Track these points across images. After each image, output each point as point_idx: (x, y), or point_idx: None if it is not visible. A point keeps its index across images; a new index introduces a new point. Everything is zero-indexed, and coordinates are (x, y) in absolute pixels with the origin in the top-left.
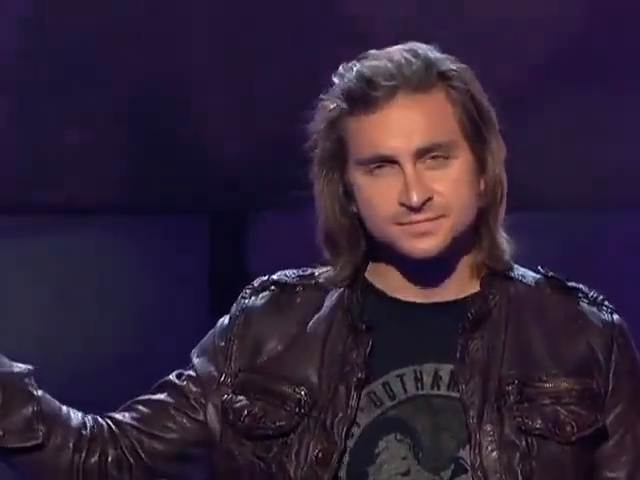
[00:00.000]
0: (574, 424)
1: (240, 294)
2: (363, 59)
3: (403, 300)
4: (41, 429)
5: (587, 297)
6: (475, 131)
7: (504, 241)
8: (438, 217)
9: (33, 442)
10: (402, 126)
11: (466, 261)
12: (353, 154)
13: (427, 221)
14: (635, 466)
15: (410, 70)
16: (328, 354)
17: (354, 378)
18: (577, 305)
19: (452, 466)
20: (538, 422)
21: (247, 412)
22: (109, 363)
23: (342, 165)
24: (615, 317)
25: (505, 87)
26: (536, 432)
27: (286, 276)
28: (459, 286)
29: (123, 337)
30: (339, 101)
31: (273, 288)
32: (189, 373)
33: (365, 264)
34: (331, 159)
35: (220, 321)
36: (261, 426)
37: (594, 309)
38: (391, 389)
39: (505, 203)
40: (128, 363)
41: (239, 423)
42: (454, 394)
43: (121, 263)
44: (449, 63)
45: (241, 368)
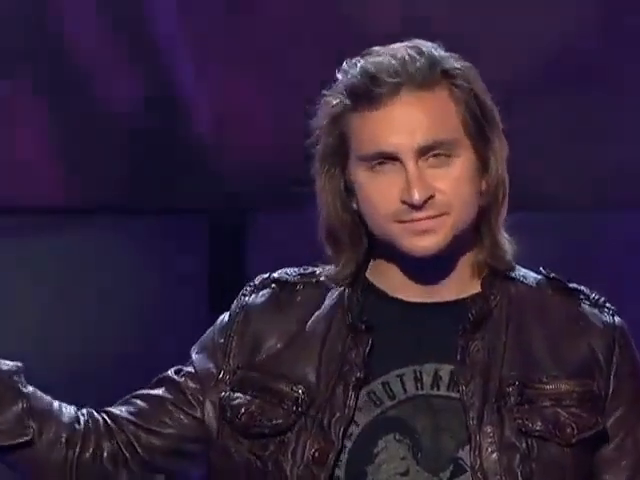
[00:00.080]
0: (574, 426)
1: (241, 291)
2: (367, 55)
3: (403, 300)
4: (32, 426)
5: (588, 299)
6: (478, 130)
7: (506, 241)
8: (439, 215)
9: (24, 438)
10: (405, 123)
11: (467, 260)
12: (355, 150)
13: (428, 219)
14: (635, 471)
15: (414, 67)
16: (327, 353)
17: (352, 378)
18: (578, 307)
19: (451, 467)
20: (538, 424)
21: (244, 410)
22: (109, 363)
23: (344, 161)
24: (616, 319)
25: (505, 87)
26: (536, 434)
27: (287, 274)
28: (460, 286)
29: (123, 337)
30: (342, 97)
31: (274, 286)
32: (188, 369)
33: (366, 263)
34: (333, 155)
35: (220, 318)
36: (258, 424)
37: (595, 311)
38: (391, 389)
39: (507, 203)
40: (128, 363)
41: (236, 420)
42: (454, 394)
43: (121, 263)
44: (453, 61)
45: (240, 365)
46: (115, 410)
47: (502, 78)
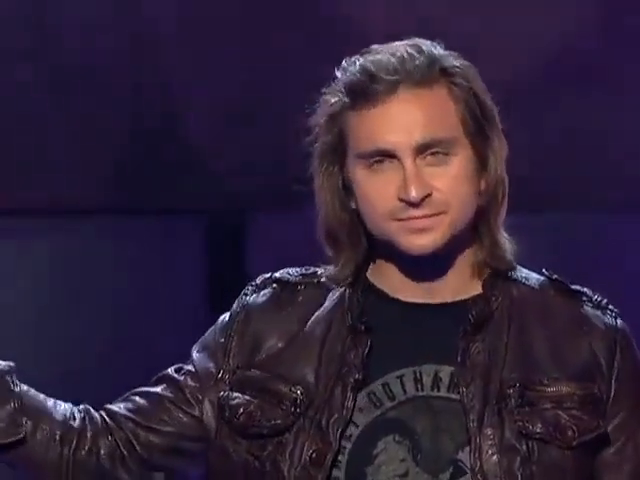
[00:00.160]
0: (575, 429)
1: (242, 291)
2: (366, 53)
3: (404, 301)
4: (25, 424)
5: (591, 300)
6: (477, 129)
7: (505, 241)
8: (437, 214)
9: (16, 437)
10: (403, 121)
11: (467, 260)
12: (353, 148)
13: (425, 217)
14: (635, 477)
15: (412, 65)
16: (326, 354)
17: (351, 379)
18: (581, 308)
19: (451, 469)
20: (539, 426)
21: (243, 410)
22: (109, 363)
23: (342, 159)
24: (619, 321)
25: (505, 87)
26: (537, 436)
27: (288, 274)
28: (460, 286)
29: (123, 337)
30: (341, 95)
31: (275, 286)
32: (188, 368)
33: (367, 264)
34: (331, 153)
35: (221, 317)
36: (256, 424)
37: (598, 313)
38: (390, 390)
39: (506, 202)
40: (128, 363)
41: (235, 420)
42: (454, 396)
43: (121, 263)
44: (452, 60)
45: (239, 365)
46: (114, 407)
47: (502, 78)
